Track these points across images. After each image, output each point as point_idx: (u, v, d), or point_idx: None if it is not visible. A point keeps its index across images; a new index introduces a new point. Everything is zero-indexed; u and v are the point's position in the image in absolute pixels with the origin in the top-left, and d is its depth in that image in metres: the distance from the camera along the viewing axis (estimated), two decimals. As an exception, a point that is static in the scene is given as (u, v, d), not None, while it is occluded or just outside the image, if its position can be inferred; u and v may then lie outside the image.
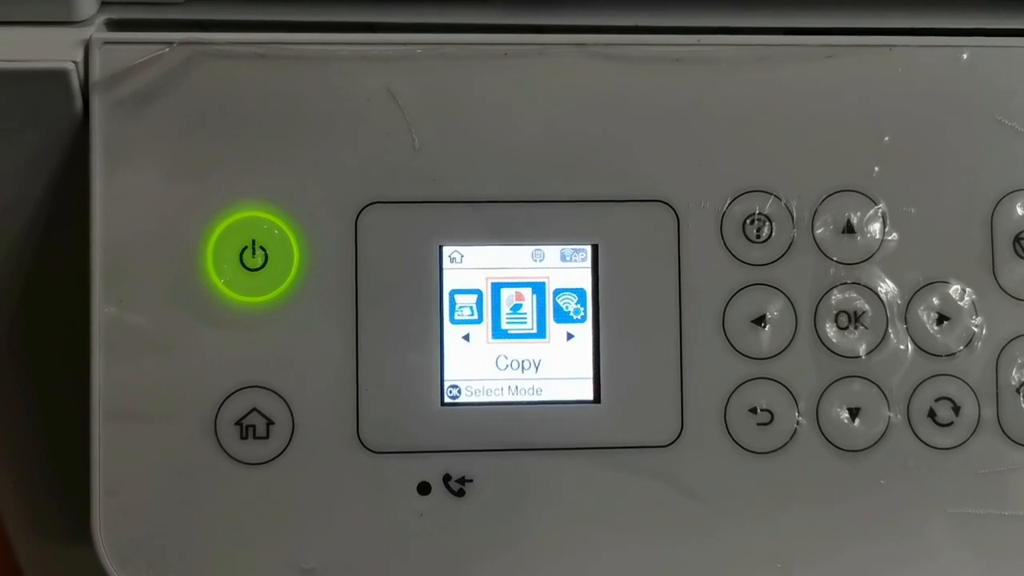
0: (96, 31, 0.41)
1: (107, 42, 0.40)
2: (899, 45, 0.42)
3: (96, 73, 0.40)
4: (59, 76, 0.40)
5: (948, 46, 0.43)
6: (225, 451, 0.40)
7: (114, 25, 0.42)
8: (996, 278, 0.42)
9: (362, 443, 0.40)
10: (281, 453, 0.40)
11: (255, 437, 0.40)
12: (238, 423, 0.40)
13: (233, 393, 0.40)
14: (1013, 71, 0.43)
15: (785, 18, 0.43)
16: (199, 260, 0.40)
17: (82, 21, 0.41)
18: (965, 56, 0.42)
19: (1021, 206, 0.43)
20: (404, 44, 0.41)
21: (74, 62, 0.40)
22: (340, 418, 0.40)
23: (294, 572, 0.40)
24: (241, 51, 0.40)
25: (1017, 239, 0.42)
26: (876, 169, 0.42)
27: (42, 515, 0.47)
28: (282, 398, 0.40)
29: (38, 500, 0.47)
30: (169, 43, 0.40)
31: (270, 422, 0.40)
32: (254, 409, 0.40)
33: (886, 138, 0.42)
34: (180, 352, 0.40)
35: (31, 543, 0.49)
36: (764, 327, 0.42)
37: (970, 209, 0.42)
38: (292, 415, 0.40)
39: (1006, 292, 0.42)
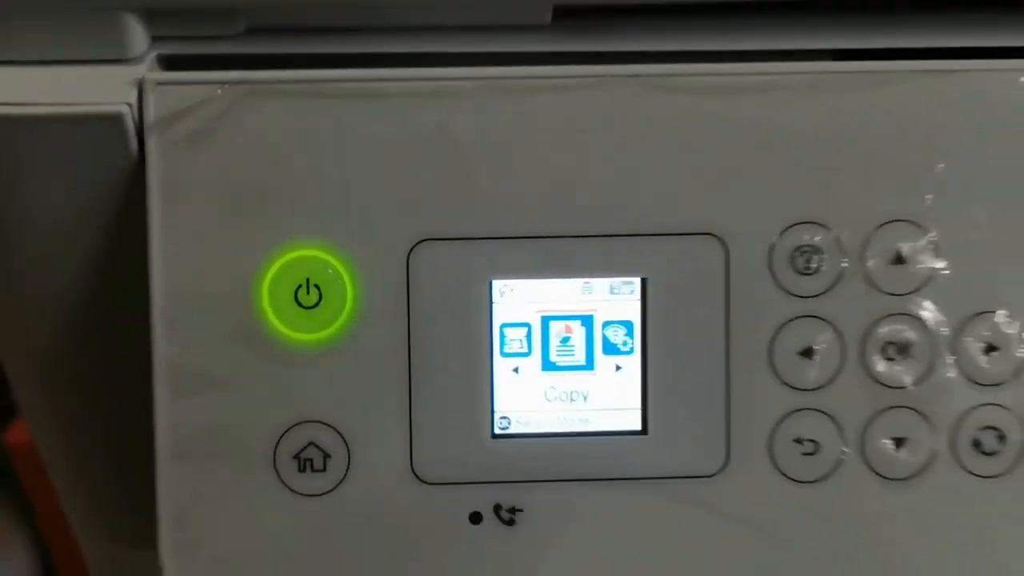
0: (148, 70, 0.41)
1: (161, 83, 0.40)
2: (959, 70, 0.42)
3: (151, 115, 0.40)
4: (114, 119, 0.40)
5: (1008, 70, 0.42)
6: (284, 483, 0.41)
7: (165, 62, 0.42)
8: (1047, 308, 0.42)
9: (416, 475, 0.41)
10: (338, 485, 0.41)
11: (313, 470, 0.41)
12: (296, 456, 0.41)
13: (291, 428, 0.41)
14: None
15: (844, 40, 0.42)
16: (256, 299, 0.41)
17: (133, 59, 0.41)
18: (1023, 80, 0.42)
19: (1075, 236, 0.42)
20: (454, 79, 0.41)
21: (128, 104, 0.40)
22: (394, 451, 0.41)
23: (351, 597, 0.42)
24: (294, 89, 0.40)
25: (1070, 269, 0.42)
26: (928, 198, 0.42)
27: (111, 522, 0.48)
28: (338, 432, 0.41)
29: (107, 507, 0.48)
30: (223, 83, 0.40)
31: (327, 455, 0.41)
32: (311, 443, 0.41)
33: (940, 166, 0.42)
34: (240, 389, 0.41)
35: (100, 547, 0.50)
36: (812, 359, 0.42)
37: (1022, 237, 0.42)
38: (348, 448, 0.41)
39: (1056, 322, 0.42)
